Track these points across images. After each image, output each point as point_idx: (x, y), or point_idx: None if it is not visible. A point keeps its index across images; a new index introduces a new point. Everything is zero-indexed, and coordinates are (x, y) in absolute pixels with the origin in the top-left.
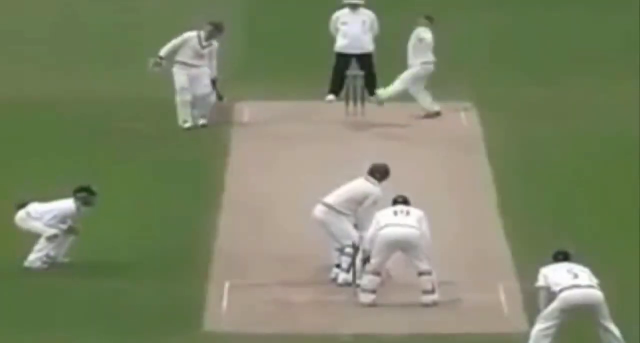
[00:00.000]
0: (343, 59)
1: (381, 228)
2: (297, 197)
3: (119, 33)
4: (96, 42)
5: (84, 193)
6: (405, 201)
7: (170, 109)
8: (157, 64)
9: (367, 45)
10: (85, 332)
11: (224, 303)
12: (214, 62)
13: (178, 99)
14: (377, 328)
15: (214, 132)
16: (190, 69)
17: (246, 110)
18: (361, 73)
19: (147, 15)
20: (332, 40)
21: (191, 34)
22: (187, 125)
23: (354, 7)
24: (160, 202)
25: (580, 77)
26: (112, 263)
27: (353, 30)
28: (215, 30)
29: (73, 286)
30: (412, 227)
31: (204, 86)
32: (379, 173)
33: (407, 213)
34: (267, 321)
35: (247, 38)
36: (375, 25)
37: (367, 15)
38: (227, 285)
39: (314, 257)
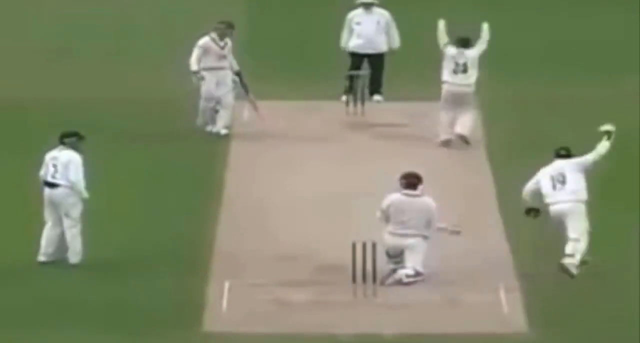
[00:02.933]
0: (357, 59)
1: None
2: (297, 197)
3: (119, 33)
4: (96, 42)
5: (73, 138)
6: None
7: (170, 109)
8: (199, 78)
9: (380, 45)
10: (85, 332)
11: (224, 303)
12: (232, 58)
13: (203, 104)
14: (377, 328)
15: (214, 132)
16: (218, 71)
17: (246, 110)
18: (362, 73)
19: (149, 16)
20: (338, 40)
21: (206, 40)
22: (209, 128)
23: (367, 6)
24: (160, 202)
25: (580, 76)
26: (111, 263)
27: (367, 30)
28: (228, 28)
29: (72, 286)
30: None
31: (226, 87)
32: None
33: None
34: (267, 321)
35: (248, 38)
36: (392, 25)
37: (381, 14)
38: (227, 285)
39: (314, 257)
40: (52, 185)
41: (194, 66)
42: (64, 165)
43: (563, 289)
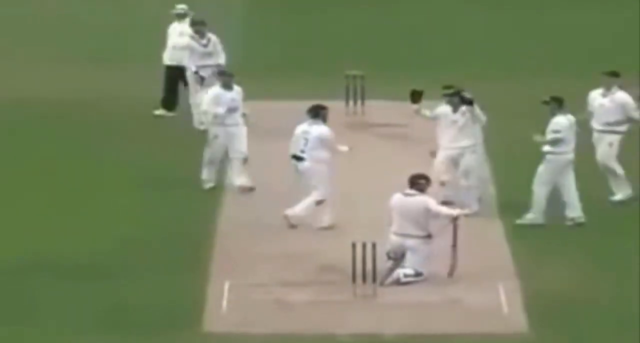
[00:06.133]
0: (168, 71)
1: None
2: (297, 196)
3: (118, 33)
4: (94, 42)
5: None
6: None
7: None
8: (201, 78)
9: (182, 57)
10: (85, 332)
11: (224, 303)
12: (222, 53)
13: (191, 100)
14: (376, 328)
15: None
16: (205, 70)
17: (246, 110)
18: (361, 73)
19: (146, 14)
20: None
21: (187, 40)
22: (203, 127)
23: (179, 17)
24: (159, 202)
25: (580, 76)
26: (112, 263)
27: (171, 41)
28: (200, 25)
29: (73, 286)
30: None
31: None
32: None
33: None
34: (267, 321)
35: (246, 38)
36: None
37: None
38: (227, 285)
39: (314, 257)
40: (298, 159)
41: (192, 66)
42: (314, 139)
43: (563, 289)
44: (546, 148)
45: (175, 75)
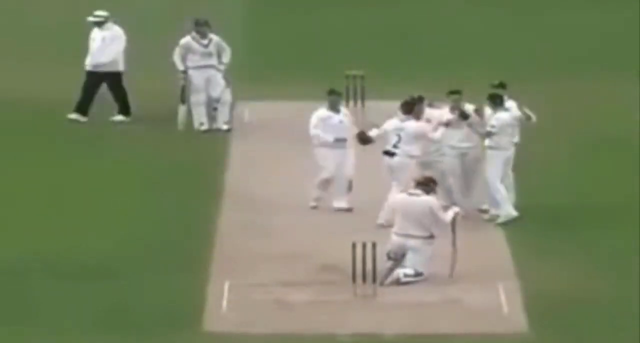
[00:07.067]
0: (90, 77)
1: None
2: (297, 197)
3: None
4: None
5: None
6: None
7: (169, 110)
8: (184, 78)
9: (104, 61)
10: (85, 332)
11: (224, 303)
12: (227, 53)
13: (192, 100)
14: (376, 328)
15: (214, 132)
16: (206, 69)
17: (246, 110)
18: (361, 73)
19: (150, 16)
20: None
21: (187, 39)
22: (204, 127)
23: (98, 24)
24: (160, 202)
25: (580, 76)
26: (112, 264)
27: (93, 47)
28: (204, 26)
29: (73, 286)
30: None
31: (220, 87)
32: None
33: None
34: (267, 321)
35: (247, 38)
36: (119, 42)
37: (112, 30)
38: (227, 285)
39: (314, 257)
40: (390, 154)
41: (179, 66)
42: (409, 135)
43: (563, 289)
44: (486, 142)
45: (93, 80)
